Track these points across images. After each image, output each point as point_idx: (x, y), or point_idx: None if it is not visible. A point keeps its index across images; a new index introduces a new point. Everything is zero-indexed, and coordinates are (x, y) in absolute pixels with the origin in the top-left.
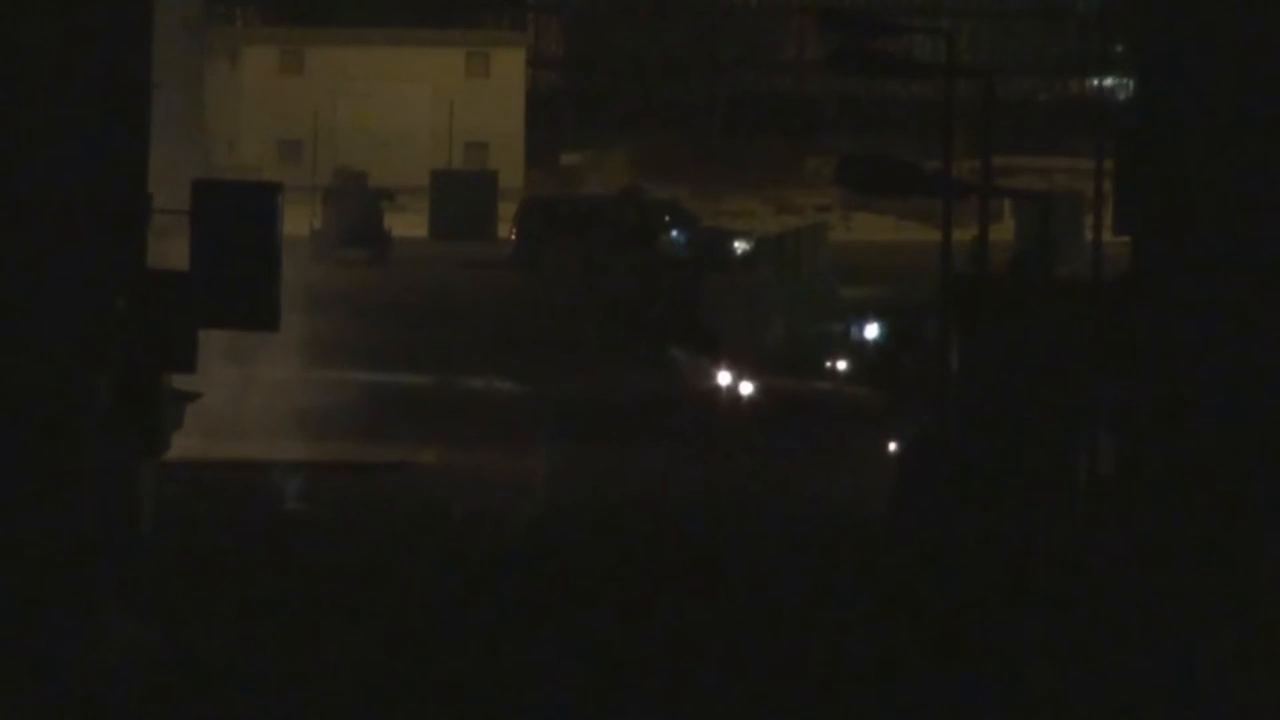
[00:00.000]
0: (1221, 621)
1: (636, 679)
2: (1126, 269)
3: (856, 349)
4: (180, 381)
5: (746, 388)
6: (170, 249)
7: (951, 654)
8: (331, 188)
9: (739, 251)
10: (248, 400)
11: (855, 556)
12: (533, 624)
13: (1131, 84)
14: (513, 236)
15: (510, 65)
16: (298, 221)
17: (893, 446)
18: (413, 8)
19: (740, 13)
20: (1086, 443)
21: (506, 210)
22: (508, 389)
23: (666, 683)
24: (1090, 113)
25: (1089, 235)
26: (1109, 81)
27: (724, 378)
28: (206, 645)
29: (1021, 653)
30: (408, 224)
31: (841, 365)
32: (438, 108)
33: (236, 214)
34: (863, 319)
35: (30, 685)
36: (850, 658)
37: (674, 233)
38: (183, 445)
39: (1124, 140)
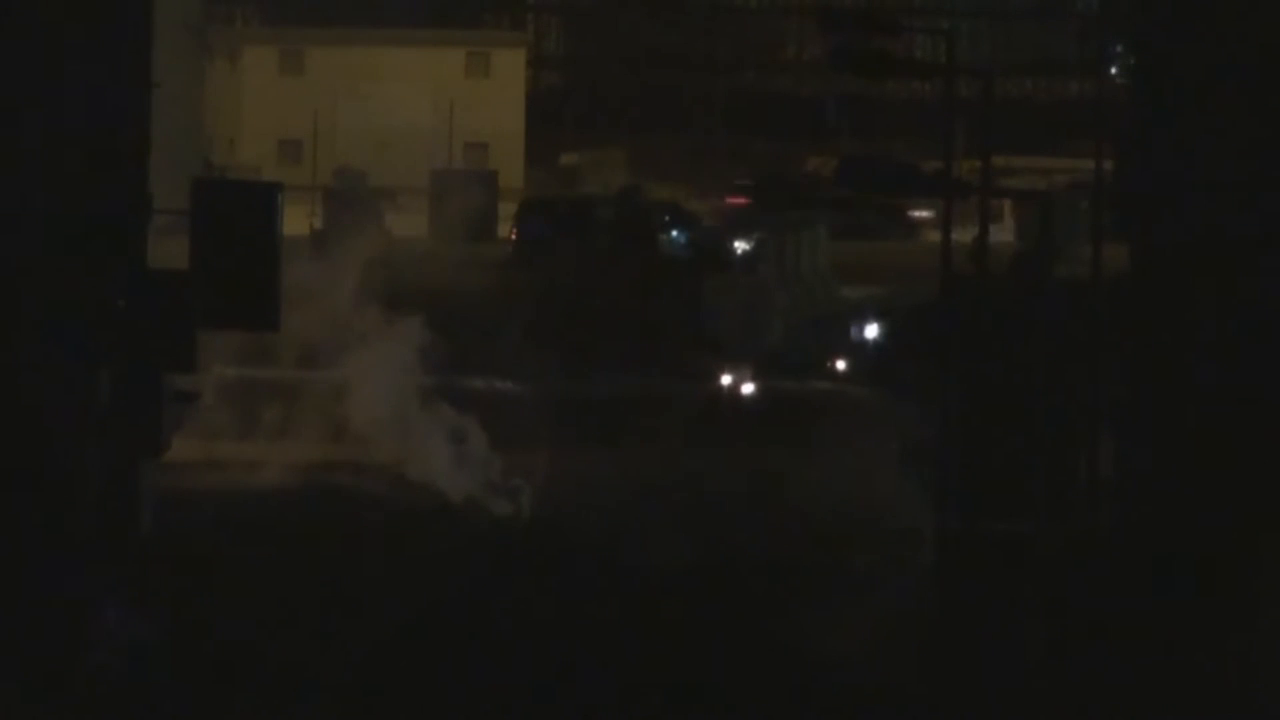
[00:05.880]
0: (1221, 621)
1: (637, 678)
2: (1125, 269)
3: (856, 349)
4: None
5: (747, 388)
6: (170, 249)
7: (953, 652)
8: (331, 188)
9: (739, 251)
10: (247, 400)
11: (856, 555)
12: (533, 623)
13: (1131, 84)
14: (513, 236)
15: (510, 65)
16: (298, 221)
17: (893, 446)
18: (413, 8)
19: (740, 13)
20: (1087, 443)
21: (506, 210)
22: (508, 389)
23: (667, 682)
24: (1090, 113)
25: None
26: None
27: (724, 378)
28: (206, 645)
29: (1023, 650)
30: (408, 224)
31: (841, 365)
32: (438, 108)
33: (236, 214)
34: (863, 319)
35: (30, 685)
36: (853, 656)
37: (674, 233)
38: (183, 445)
39: (1124, 140)
